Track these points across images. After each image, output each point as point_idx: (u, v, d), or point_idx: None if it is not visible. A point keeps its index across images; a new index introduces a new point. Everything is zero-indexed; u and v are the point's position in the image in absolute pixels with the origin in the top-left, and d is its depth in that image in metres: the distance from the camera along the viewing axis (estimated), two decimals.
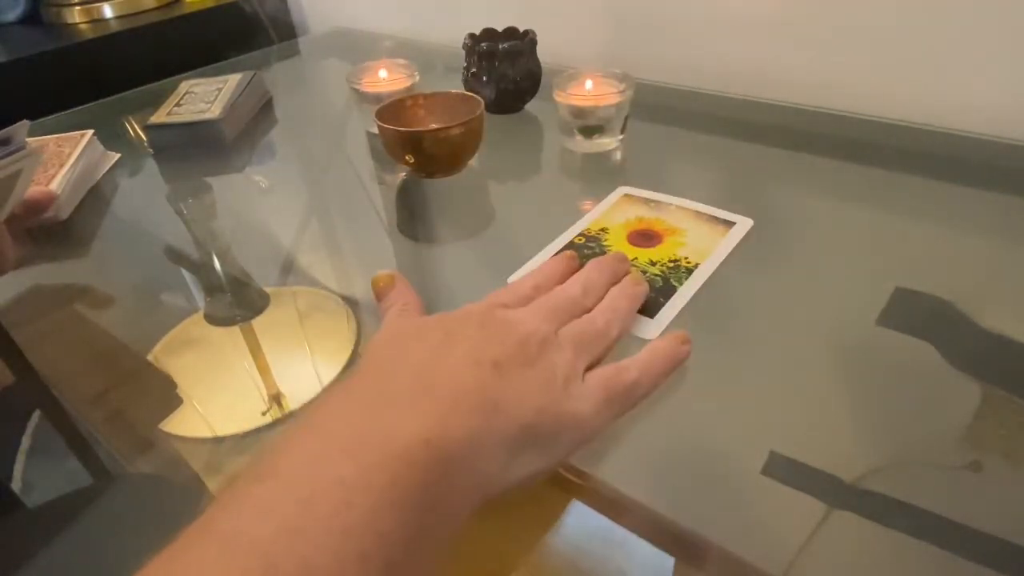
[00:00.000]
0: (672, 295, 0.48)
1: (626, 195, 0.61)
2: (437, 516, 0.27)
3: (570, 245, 0.54)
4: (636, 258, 0.52)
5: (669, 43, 0.84)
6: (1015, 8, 0.62)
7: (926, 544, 0.32)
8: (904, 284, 0.47)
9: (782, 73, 0.78)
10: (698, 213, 0.57)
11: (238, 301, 0.56)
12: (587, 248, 0.53)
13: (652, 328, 0.45)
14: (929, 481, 0.35)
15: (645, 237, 0.54)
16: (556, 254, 0.48)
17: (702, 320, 0.46)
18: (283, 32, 1.25)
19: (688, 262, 0.51)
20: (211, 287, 0.58)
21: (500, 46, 0.74)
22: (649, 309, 0.46)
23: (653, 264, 0.51)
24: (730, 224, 0.55)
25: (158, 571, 0.22)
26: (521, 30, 0.78)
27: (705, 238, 0.54)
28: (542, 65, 0.78)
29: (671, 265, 0.51)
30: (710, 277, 0.49)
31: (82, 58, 1.02)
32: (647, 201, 0.59)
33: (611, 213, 0.58)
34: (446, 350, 0.33)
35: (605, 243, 0.54)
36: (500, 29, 0.79)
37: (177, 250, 0.63)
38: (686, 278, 0.49)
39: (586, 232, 0.56)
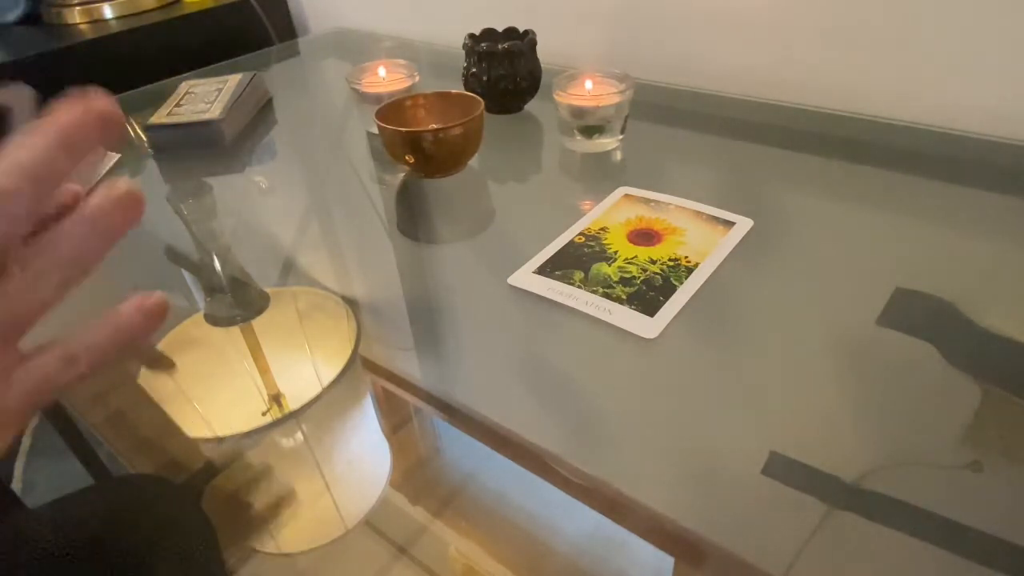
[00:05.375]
0: (672, 294, 0.48)
1: (626, 195, 0.61)
2: None
3: (570, 244, 0.54)
4: (636, 256, 0.52)
5: (669, 43, 0.84)
6: (1015, 9, 0.62)
7: (926, 544, 0.32)
8: (904, 284, 0.47)
9: (781, 73, 0.78)
10: (698, 213, 0.57)
11: (238, 301, 0.56)
12: (587, 247, 0.53)
13: (652, 327, 0.45)
14: (929, 481, 0.35)
15: (645, 236, 0.54)
16: None
17: (702, 319, 0.46)
18: (283, 32, 1.25)
19: (688, 261, 0.51)
20: (211, 287, 0.58)
21: (500, 46, 0.74)
22: (649, 308, 0.46)
23: (653, 262, 0.51)
24: (730, 224, 0.55)
25: None
26: (521, 30, 0.78)
27: (705, 238, 0.54)
28: (542, 65, 0.78)
29: (671, 264, 0.51)
30: (710, 276, 0.49)
31: (82, 58, 1.02)
32: (647, 201, 0.59)
33: (611, 212, 0.58)
34: None
35: (605, 242, 0.54)
36: (500, 29, 0.79)
37: (177, 250, 0.63)
38: (686, 277, 0.49)
39: (586, 231, 0.56)
